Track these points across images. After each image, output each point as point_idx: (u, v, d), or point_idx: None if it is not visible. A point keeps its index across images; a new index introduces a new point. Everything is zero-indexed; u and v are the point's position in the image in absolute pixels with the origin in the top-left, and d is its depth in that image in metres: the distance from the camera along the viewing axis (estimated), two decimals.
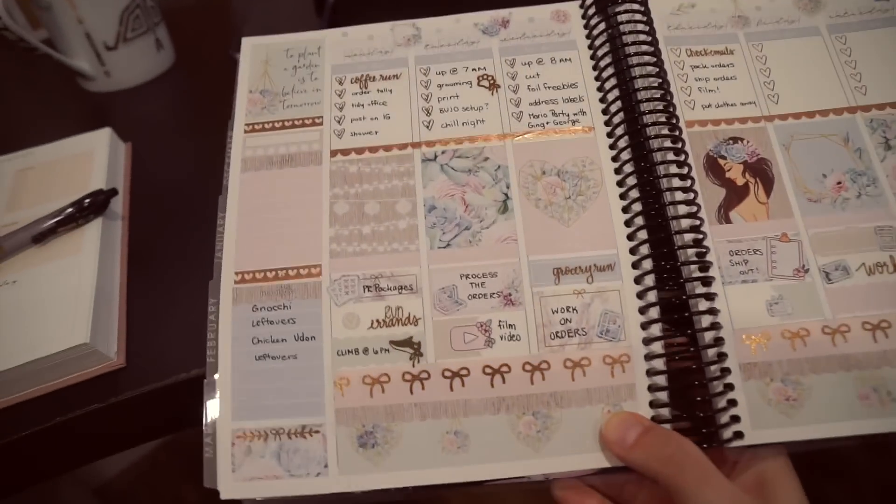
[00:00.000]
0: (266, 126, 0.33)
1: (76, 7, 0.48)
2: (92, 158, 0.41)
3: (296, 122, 0.33)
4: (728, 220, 0.30)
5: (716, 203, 0.30)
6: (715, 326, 0.27)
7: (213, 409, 0.28)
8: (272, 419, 0.28)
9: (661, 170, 0.30)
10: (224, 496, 0.27)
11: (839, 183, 0.30)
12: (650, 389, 0.27)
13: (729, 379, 0.27)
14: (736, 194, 0.31)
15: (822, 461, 0.85)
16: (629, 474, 0.28)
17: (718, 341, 0.27)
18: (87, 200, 0.36)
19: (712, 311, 0.28)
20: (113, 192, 0.37)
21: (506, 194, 0.31)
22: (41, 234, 0.35)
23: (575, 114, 0.32)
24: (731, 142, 0.32)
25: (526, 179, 0.31)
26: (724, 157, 0.31)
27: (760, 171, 0.31)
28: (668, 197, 0.30)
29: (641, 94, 0.31)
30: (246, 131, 0.33)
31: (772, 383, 0.27)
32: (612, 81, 0.32)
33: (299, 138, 0.33)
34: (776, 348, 0.28)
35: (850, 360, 0.27)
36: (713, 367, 0.27)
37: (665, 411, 0.27)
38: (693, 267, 0.28)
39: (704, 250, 0.29)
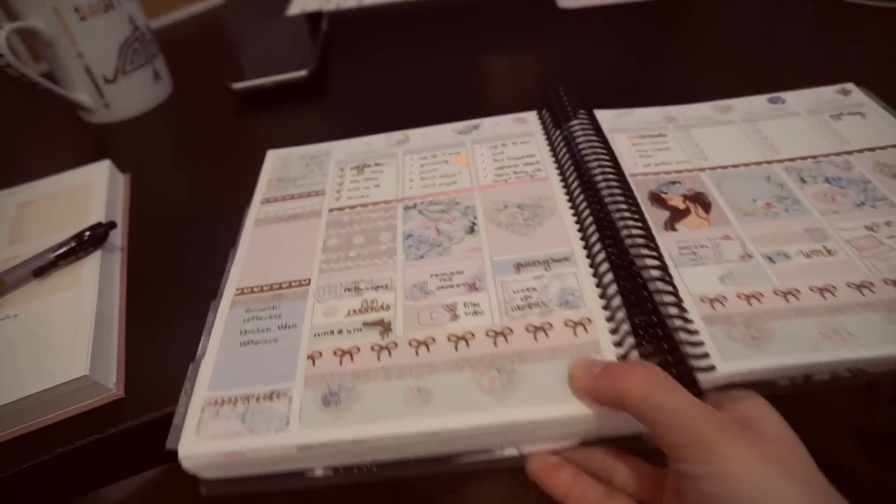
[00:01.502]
0: (278, 198, 0.40)
1: (76, 42, 0.51)
2: (91, 191, 0.42)
3: (303, 195, 0.40)
4: (674, 229, 0.33)
5: (662, 220, 0.34)
6: (671, 284, 0.29)
7: (193, 386, 0.29)
8: (245, 388, 0.28)
9: (609, 199, 0.35)
10: (181, 453, 0.26)
11: (768, 203, 0.35)
12: (616, 345, 0.28)
13: (692, 327, 0.27)
14: (678, 213, 0.35)
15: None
16: (607, 450, 0.27)
17: (678, 299, 0.29)
18: (87, 234, 0.37)
19: (665, 279, 0.29)
20: (111, 224, 0.39)
21: (473, 222, 0.36)
22: (42, 268, 0.36)
23: (533, 171, 0.39)
24: (670, 183, 0.37)
25: (490, 212, 0.36)
26: (665, 193, 0.36)
27: (698, 198, 0.35)
28: (616, 215, 0.34)
29: (589, 157, 0.38)
30: (262, 203, 0.40)
31: (735, 327, 0.28)
32: (565, 151, 0.39)
33: (304, 203, 0.39)
34: (734, 304, 0.29)
35: (806, 311, 0.28)
36: (676, 321, 0.28)
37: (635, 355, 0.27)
38: (644, 252, 0.31)
39: (653, 243, 0.32)
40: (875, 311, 0.28)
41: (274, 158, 0.44)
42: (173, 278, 0.39)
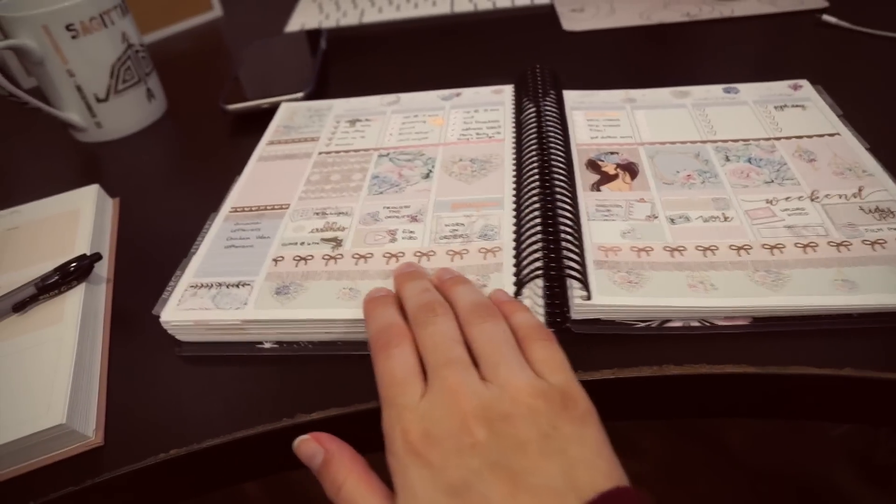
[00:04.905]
0: (281, 141, 0.48)
1: (67, 61, 0.49)
2: (79, 217, 0.41)
3: (301, 139, 0.47)
4: (599, 190, 0.39)
5: (590, 182, 0.40)
6: (575, 229, 0.34)
7: (183, 273, 0.37)
8: (220, 277, 0.36)
9: (548, 160, 0.40)
10: (162, 317, 0.34)
11: (689, 175, 0.39)
12: (514, 268, 0.34)
13: (580, 265, 0.33)
14: (607, 178, 0.40)
15: None
16: None
17: (577, 241, 0.34)
18: (72, 266, 0.36)
19: (573, 226, 0.35)
20: (97, 256, 0.37)
21: (430, 170, 0.42)
22: (22, 303, 0.35)
23: (492, 133, 0.45)
24: (608, 154, 0.42)
25: (446, 164, 0.42)
26: (601, 161, 0.41)
27: (628, 167, 0.41)
28: (549, 173, 0.39)
29: (545, 127, 0.43)
30: (267, 144, 0.47)
31: (618, 273, 0.33)
32: (530, 118, 0.44)
33: (300, 147, 0.47)
34: (625, 255, 0.34)
35: (683, 266, 0.33)
36: (570, 260, 0.33)
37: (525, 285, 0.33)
38: (561, 205, 0.37)
39: (571, 196, 0.37)
40: (742, 269, 0.32)
41: (285, 109, 0.52)
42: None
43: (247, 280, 0.35)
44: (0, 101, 0.50)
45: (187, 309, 0.34)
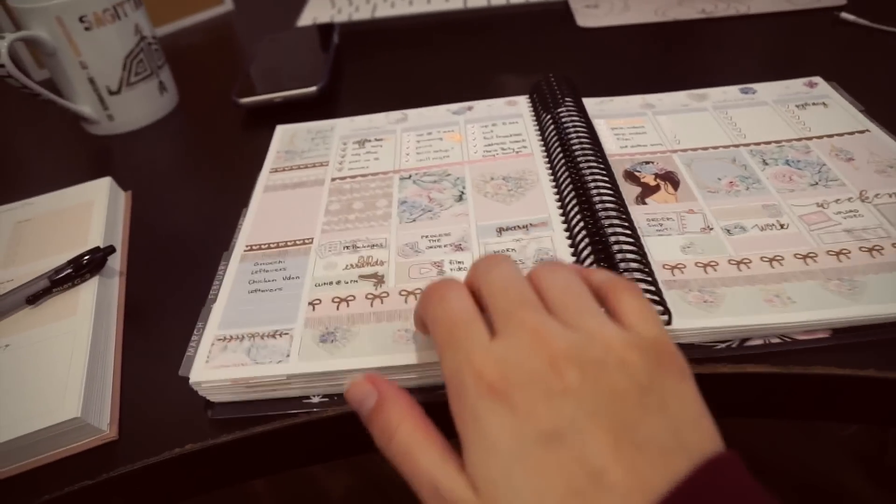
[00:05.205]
0: (286, 168, 0.44)
1: (80, 53, 0.49)
2: (91, 210, 0.41)
3: (308, 165, 0.44)
4: (644, 203, 0.37)
5: (633, 195, 0.38)
6: (640, 248, 0.32)
7: (205, 325, 0.33)
8: (251, 328, 0.32)
9: (588, 173, 0.38)
10: (192, 378, 0.30)
11: (731, 182, 0.38)
12: None
13: (656, 287, 0.31)
14: (650, 189, 0.38)
15: None
16: None
17: (646, 262, 0.32)
18: (85, 259, 0.35)
19: (635, 243, 0.33)
20: (110, 249, 0.37)
21: (462, 191, 0.39)
22: (36, 295, 0.35)
23: (518, 148, 0.42)
24: (643, 163, 0.40)
25: (477, 183, 0.40)
26: (638, 171, 0.40)
27: (668, 176, 0.39)
28: (592, 187, 0.37)
29: (572, 138, 0.41)
30: (270, 172, 0.43)
31: (691, 292, 0.31)
32: (552, 129, 0.42)
33: (309, 173, 0.43)
34: (692, 272, 0.32)
35: (755, 279, 0.31)
36: (642, 283, 0.31)
37: None
38: (616, 222, 0.34)
39: (626, 212, 0.35)
40: (814, 279, 0.31)
41: (282, 132, 0.48)
42: (174, 305, 0.37)
43: (283, 329, 0.32)
44: (12, 92, 0.50)
45: (219, 366, 0.30)
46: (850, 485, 0.88)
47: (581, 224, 0.34)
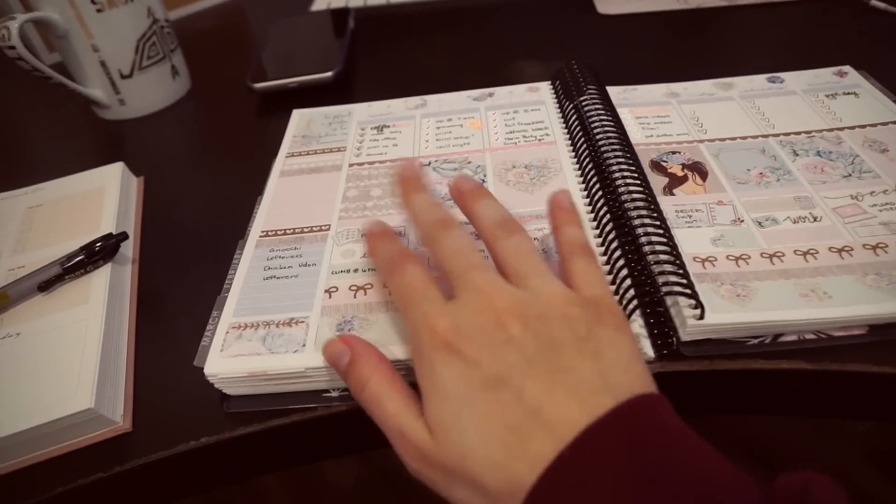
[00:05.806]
0: (302, 153, 0.43)
1: (92, 35, 0.48)
2: (103, 196, 0.40)
3: (325, 150, 0.43)
4: (672, 194, 0.36)
5: (661, 185, 0.36)
6: (671, 239, 0.31)
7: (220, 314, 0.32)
8: (266, 315, 0.31)
9: (614, 163, 0.37)
10: (207, 370, 0.29)
11: (761, 173, 0.37)
12: (612, 284, 0.30)
13: (688, 280, 0.30)
14: (677, 180, 0.37)
15: None
16: None
17: (677, 253, 0.31)
18: (97, 246, 0.35)
19: (666, 235, 0.32)
20: (123, 236, 0.36)
21: (483, 179, 0.38)
22: (47, 282, 0.34)
23: (541, 136, 0.41)
24: (670, 153, 0.39)
25: (499, 171, 0.38)
26: (665, 161, 0.38)
27: (695, 167, 0.38)
28: (619, 177, 0.36)
29: (597, 126, 0.40)
30: (286, 157, 0.42)
31: (723, 286, 0.30)
32: (575, 117, 0.41)
33: (326, 158, 0.42)
34: (723, 265, 0.31)
35: (788, 273, 0.30)
36: (672, 276, 0.30)
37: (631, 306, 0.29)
38: (644, 213, 0.33)
39: (655, 203, 0.34)
40: (851, 274, 0.30)
41: (298, 117, 0.47)
42: (188, 293, 0.36)
43: (299, 316, 0.31)
44: (23, 75, 0.48)
45: (234, 355, 0.29)
46: (861, 480, 0.87)
47: (609, 215, 0.33)
